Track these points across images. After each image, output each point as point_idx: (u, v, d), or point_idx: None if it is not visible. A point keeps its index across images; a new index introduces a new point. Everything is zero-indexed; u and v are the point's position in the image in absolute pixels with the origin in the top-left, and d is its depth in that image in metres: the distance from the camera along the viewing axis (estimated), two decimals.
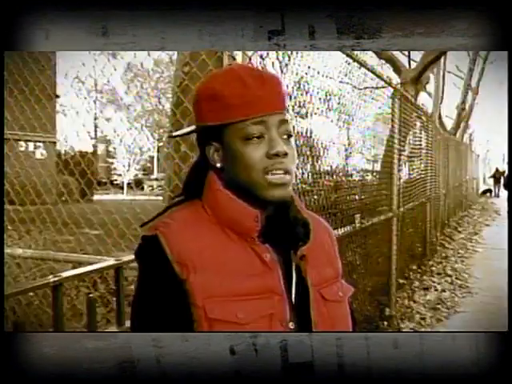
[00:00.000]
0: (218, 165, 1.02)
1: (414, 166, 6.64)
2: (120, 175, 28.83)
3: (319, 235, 1.10)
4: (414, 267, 6.49)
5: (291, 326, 0.99)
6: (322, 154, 3.33)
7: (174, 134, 1.18)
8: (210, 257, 0.97)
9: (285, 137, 1.00)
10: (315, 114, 3.15)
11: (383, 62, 9.69)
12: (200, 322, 0.95)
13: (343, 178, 3.87)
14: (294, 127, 1.96)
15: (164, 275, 0.96)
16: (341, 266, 1.15)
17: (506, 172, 21.89)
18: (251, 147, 0.98)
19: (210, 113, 1.00)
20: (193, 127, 1.08)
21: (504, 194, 21.22)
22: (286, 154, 0.98)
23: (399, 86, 5.22)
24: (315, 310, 1.02)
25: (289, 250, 1.04)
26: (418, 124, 6.83)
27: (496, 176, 25.30)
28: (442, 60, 13.47)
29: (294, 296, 1.01)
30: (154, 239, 0.97)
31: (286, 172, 0.98)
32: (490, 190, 25.42)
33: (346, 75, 3.57)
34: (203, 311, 0.94)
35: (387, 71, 8.65)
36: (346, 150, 3.89)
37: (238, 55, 1.85)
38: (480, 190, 25.80)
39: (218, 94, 0.98)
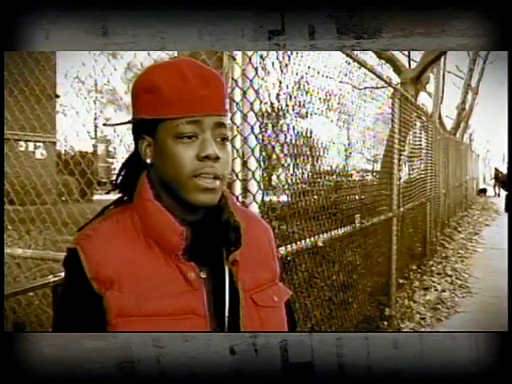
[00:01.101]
0: (148, 160, 0.98)
1: (414, 166, 6.64)
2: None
3: (255, 237, 1.06)
4: (414, 267, 6.49)
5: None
6: (321, 153, 3.33)
7: (108, 122, 1.12)
8: (130, 273, 0.92)
9: (219, 139, 0.95)
10: (315, 114, 3.15)
11: (383, 62, 9.68)
12: None
13: (343, 178, 3.87)
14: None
15: (82, 291, 0.93)
16: (279, 269, 1.11)
17: (505, 171, 22.00)
18: (182, 147, 0.93)
19: (145, 105, 0.96)
20: (129, 118, 1.03)
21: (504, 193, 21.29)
22: (217, 158, 0.93)
23: (399, 86, 5.22)
24: (245, 316, 0.98)
25: (222, 257, 0.99)
26: (418, 124, 6.82)
27: (499, 177, 25.40)
28: (442, 60, 13.47)
29: (227, 306, 0.97)
30: (74, 253, 0.94)
31: (216, 177, 0.94)
32: (484, 190, 25.75)
33: (346, 75, 3.57)
34: (114, 329, 0.91)
35: (387, 71, 8.65)
36: (346, 150, 3.89)
37: (238, 55, 1.85)
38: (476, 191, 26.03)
39: (156, 87, 0.94)
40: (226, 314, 0.97)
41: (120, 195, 1.05)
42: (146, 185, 0.98)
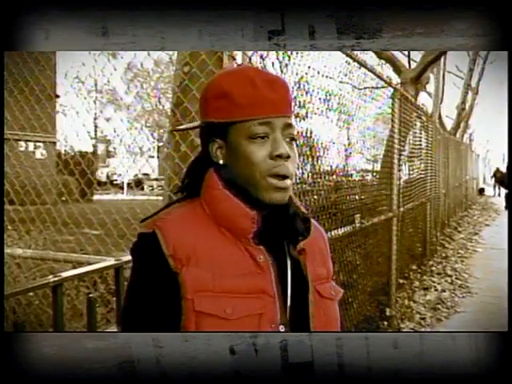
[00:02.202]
0: (221, 161, 1.03)
1: (414, 166, 6.64)
2: (120, 175, 28.81)
3: (315, 235, 1.11)
4: (414, 267, 6.49)
5: (281, 328, 1.00)
6: (322, 154, 3.33)
7: (178, 127, 1.19)
8: (204, 253, 0.98)
9: (288, 140, 1.01)
10: (315, 114, 3.15)
11: (383, 62, 9.69)
12: (187, 316, 0.96)
13: (343, 178, 3.87)
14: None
15: (158, 269, 0.97)
16: (332, 269, 1.16)
17: (504, 171, 22.20)
18: (255, 146, 0.99)
19: (216, 110, 1.02)
20: (197, 123, 1.09)
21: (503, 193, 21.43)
22: (288, 157, 0.99)
23: (399, 86, 5.22)
24: (314, 304, 1.03)
25: (286, 249, 1.05)
26: (418, 124, 6.82)
27: (497, 176, 25.70)
28: (442, 60, 13.47)
29: (289, 295, 1.02)
30: (151, 235, 0.99)
31: (287, 177, 0.99)
32: (482, 189, 26.55)
33: (345, 75, 3.57)
34: (192, 304, 0.95)
35: (387, 71, 8.65)
36: (346, 150, 3.89)
37: (238, 55, 1.85)
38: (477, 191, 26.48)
39: (227, 93, 1.00)
40: (288, 299, 1.02)
41: (183, 195, 1.10)
42: (214, 178, 1.03)
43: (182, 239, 0.98)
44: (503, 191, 21.29)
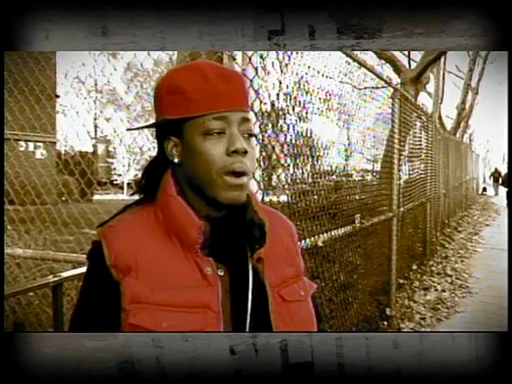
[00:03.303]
0: (176, 160, 1.00)
1: (414, 166, 6.64)
2: (120, 175, 28.81)
3: (278, 234, 1.08)
4: (414, 267, 6.49)
5: None
6: (321, 154, 3.33)
7: (132, 127, 1.14)
8: (147, 263, 0.95)
9: (246, 135, 0.98)
10: (315, 114, 3.15)
11: (383, 62, 9.68)
12: (124, 327, 0.94)
13: (343, 178, 3.87)
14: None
15: (101, 278, 0.96)
16: (303, 264, 1.13)
17: (503, 172, 22.44)
18: (211, 143, 0.95)
19: (169, 106, 0.98)
20: (152, 121, 1.06)
21: (503, 192, 21.61)
22: (245, 152, 0.95)
23: (399, 86, 5.21)
24: (275, 313, 0.99)
25: (245, 254, 1.01)
26: (418, 124, 6.82)
27: (494, 176, 26.17)
28: (442, 60, 13.46)
29: (249, 307, 0.98)
30: (98, 244, 0.98)
31: (244, 174, 0.96)
32: (484, 189, 26.95)
33: (345, 75, 3.57)
34: (127, 315, 0.93)
35: (387, 71, 8.64)
36: (346, 150, 3.89)
37: (238, 55, 1.85)
38: (479, 190, 26.88)
39: (179, 88, 0.96)
40: (249, 311, 0.98)
41: (141, 196, 1.07)
42: (170, 182, 1.00)
43: (125, 248, 0.95)
44: (501, 191, 21.51)
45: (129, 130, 1.25)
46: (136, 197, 1.08)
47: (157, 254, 0.96)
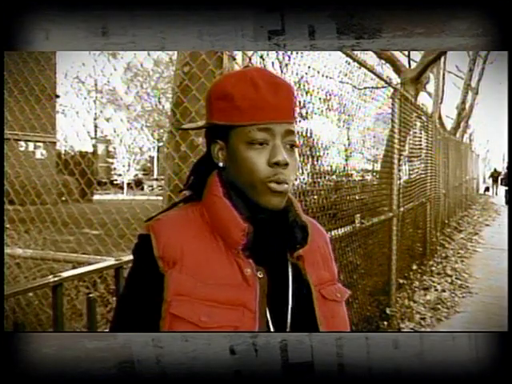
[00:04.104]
0: (221, 164, 1.03)
1: (414, 166, 6.64)
2: (120, 175, 28.82)
3: (315, 239, 1.10)
4: (414, 267, 6.49)
5: None
6: (321, 154, 3.33)
7: (184, 126, 1.16)
8: (192, 258, 0.98)
9: (288, 146, 1.00)
10: (315, 114, 3.15)
11: (383, 62, 9.68)
12: (164, 318, 0.96)
13: (343, 178, 3.87)
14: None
15: (149, 270, 0.98)
16: (336, 271, 1.15)
17: (503, 172, 22.64)
18: (253, 153, 0.97)
19: (218, 112, 1.00)
20: (203, 122, 1.09)
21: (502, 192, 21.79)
22: (286, 165, 0.97)
23: (399, 86, 5.21)
24: (319, 310, 1.02)
25: (285, 255, 1.04)
26: (418, 124, 6.82)
27: (494, 176, 26.53)
28: (442, 60, 13.46)
29: (290, 306, 1.01)
30: (147, 236, 1.00)
31: (285, 182, 0.98)
32: (487, 188, 27.64)
33: (346, 75, 3.57)
34: (169, 306, 0.95)
35: (387, 71, 8.65)
36: (346, 150, 3.89)
37: (238, 55, 1.85)
38: (481, 190, 27.30)
39: (229, 94, 0.98)
40: (289, 309, 1.01)
41: (188, 194, 1.10)
42: (216, 183, 1.03)
43: (172, 241, 0.98)
44: (501, 190, 21.67)
45: (180, 129, 1.27)
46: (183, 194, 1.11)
47: (201, 251, 0.99)
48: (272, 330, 1.00)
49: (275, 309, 1.01)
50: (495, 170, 27.32)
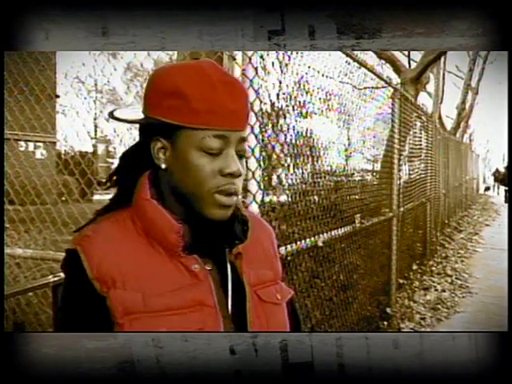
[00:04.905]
0: (163, 166, 0.93)
1: (414, 166, 6.64)
2: None
3: (258, 236, 1.05)
4: (414, 267, 6.49)
5: None
6: (321, 154, 3.33)
7: (118, 115, 0.97)
8: (132, 271, 0.90)
9: (238, 156, 0.93)
10: (315, 114, 3.15)
11: (383, 62, 9.68)
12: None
13: (343, 178, 3.87)
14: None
15: (84, 292, 0.91)
16: (281, 269, 1.10)
17: (503, 171, 22.74)
18: (205, 160, 0.89)
19: (167, 109, 0.89)
20: (138, 115, 0.96)
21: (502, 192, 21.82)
22: (240, 175, 0.92)
23: (399, 86, 5.21)
24: (252, 312, 0.96)
25: (224, 255, 0.98)
26: (418, 124, 6.82)
27: (495, 175, 26.56)
28: (442, 60, 13.47)
29: (230, 303, 0.95)
30: (74, 254, 0.92)
31: (235, 194, 0.92)
32: (488, 188, 28.19)
33: (346, 75, 3.57)
34: (121, 328, 0.89)
35: (387, 71, 8.65)
36: (346, 149, 3.89)
37: (238, 55, 1.85)
38: (481, 190, 27.56)
39: (182, 92, 0.88)
40: (229, 307, 0.95)
41: (114, 198, 1.02)
42: (145, 185, 0.95)
43: (106, 259, 0.90)
44: (501, 190, 21.72)
45: (111, 117, 0.99)
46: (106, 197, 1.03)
47: (140, 260, 0.92)
48: (233, 324, 0.95)
49: (224, 302, 0.95)
50: (497, 169, 27.26)
